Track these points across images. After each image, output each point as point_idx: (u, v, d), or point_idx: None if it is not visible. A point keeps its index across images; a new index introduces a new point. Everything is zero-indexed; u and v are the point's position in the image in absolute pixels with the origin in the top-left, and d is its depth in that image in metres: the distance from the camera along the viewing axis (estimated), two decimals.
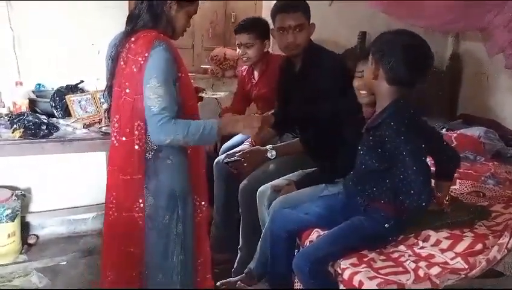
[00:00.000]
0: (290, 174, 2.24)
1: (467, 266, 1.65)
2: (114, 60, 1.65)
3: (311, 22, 2.30)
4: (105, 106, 2.10)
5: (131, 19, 1.65)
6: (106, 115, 2.37)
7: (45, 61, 2.75)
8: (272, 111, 2.42)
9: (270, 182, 2.18)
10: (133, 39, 1.58)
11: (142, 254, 1.67)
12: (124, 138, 1.60)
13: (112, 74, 1.67)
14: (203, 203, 1.77)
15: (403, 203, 1.64)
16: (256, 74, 2.85)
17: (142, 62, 1.52)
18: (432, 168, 1.77)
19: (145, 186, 1.62)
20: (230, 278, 2.24)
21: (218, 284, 2.13)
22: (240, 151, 2.39)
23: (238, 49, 2.80)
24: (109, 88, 1.69)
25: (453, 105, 3.91)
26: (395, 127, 1.60)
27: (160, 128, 1.51)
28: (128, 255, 1.67)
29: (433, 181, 1.82)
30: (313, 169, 2.19)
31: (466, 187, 2.33)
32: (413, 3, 2.88)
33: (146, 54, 1.51)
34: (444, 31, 3.81)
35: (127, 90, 1.57)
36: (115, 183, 1.66)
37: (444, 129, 3.16)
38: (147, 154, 1.61)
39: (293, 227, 1.91)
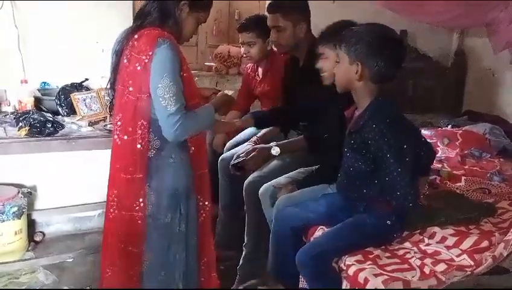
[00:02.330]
0: (292, 172, 2.23)
1: (472, 263, 1.65)
2: (117, 55, 1.64)
3: (312, 18, 2.32)
4: None
5: (140, 16, 1.64)
6: (108, 111, 2.40)
7: (50, 59, 2.77)
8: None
9: (271, 181, 2.18)
10: (136, 36, 1.57)
11: (141, 253, 1.66)
12: (126, 137, 1.59)
13: (114, 70, 1.66)
14: (206, 203, 1.77)
15: (391, 203, 1.64)
16: (260, 71, 2.86)
17: (146, 61, 1.51)
18: None
19: (147, 185, 1.62)
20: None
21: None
22: (243, 152, 2.39)
23: (241, 47, 2.80)
24: (112, 84, 1.69)
25: (458, 101, 3.90)
26: (377, 129, 1.60)
27: (179, 127, 1.52)
28: (127, 253, 1.67)
29: None
30: (314, 167, 2.18)
31: (472, 184, 2.32)
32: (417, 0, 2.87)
33: (150, 52, 1.50)
34: (449, 27, 3.80)
35: (130, 89, 1.57)
36: (117, 181, 1.66)
37: (450, 126, 3.15)
38: (149, 153, 1.61)
39: (297, 224, 1.91)
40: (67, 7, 2.75)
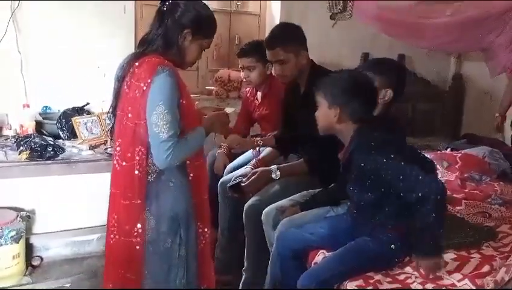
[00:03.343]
0: (295, 195, 2.23)
1: (474, 288, 1.63)
2: (119, 81, 1.66)
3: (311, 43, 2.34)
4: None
5: (144, 43, 1.66)
6: (109, 135, 2.40)
7: (52, 83, 2.80)
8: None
9: (275, 203, 2.18)
10: (137, 63, 1.59)
11: (140, 280, 1.65)
12: (124, 163, 1.60)
13: (116, 95, 1.67)
14: (206, 229, 1.76)
15: (416, 206, 1.58)
16: (259, 95, 2.88)
17: (144, 88, 1.52)
18: None
19: (147, 209, 1.62)
20: None
21: None
22: (242, 174, 2.40)
23: (241, 72, 2.84)
24: (113, 109, 1.70)
25: (457, 125, 3.92)
26: (364, 153, 1.65)
27: (170, 154, 1.53)
28: (126, 280, 1.66)
29: None
30: (317, 190, 2.18)
31: (472, 208, 2.32)
32: (414, 25, 2.91)
33: (149, 80, 1.52)
34: (446, 51, 3.85)
35: (129, 115, 1.58)
36: (116, 206, 1.65)
37: (449, 149, 3.16)
38: (149, 177, 1.61)
39: (298, 246, 1.90)
40: (69, 32, 2.80)
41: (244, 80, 2.85)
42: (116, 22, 2.90)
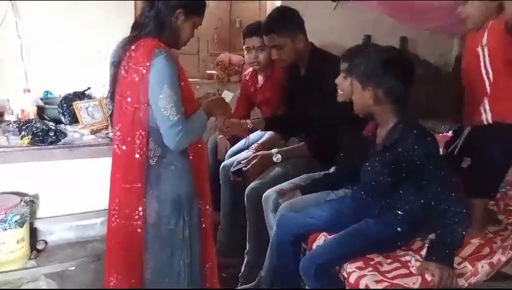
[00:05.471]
0: (296, 178, 2.24)
1: (472, 269, 1.64)
2: (115, 66, 1.66)
3: (314, 26, 2.32)
4: None
5: (137, 26, 1.65)
6: (109, 121, 2.40)
7: (53, 68, 2.79)
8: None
9: (275, 187, 2.19)
10: (133, 47, 1.58)
11: (142, 261, 1.67)
12: (125, 147, 1.61)
13: (113, 81, 1.67)
14: (207, 207, 1.78)
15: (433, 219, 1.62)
16: (260, 78, 2.85)
17: (144, 72, 1.52)
18: None
19: (150, 193, 1.63)
20: (244, 286, 2.26)
21: None
22: (243, 159, 2.40)
23: (246, 54, 2.75)
24: (111, 94, 1.70)
25: (460, 107, 3.89)
26: (423, 151, 1.61)
27: (181, 137, 1.54)
28: (129, 262, 1.68)
29: None
30: (318, 173, 2.19)
31: None
32: (416, 6, 2.88)
33: (148, 64, 1.51)
34: (449, 33, 3.80)
35: (128, 100, 1.58)
36: (117, 191, 1.66)
37: (450, 131, 3.14)
38: (151, 161, 1.62)
39: (298, 231, 1.91)
40: (69, 17, 2.78)
41: (252, 61, 2.74)
42: (116, 7, 2.88)
